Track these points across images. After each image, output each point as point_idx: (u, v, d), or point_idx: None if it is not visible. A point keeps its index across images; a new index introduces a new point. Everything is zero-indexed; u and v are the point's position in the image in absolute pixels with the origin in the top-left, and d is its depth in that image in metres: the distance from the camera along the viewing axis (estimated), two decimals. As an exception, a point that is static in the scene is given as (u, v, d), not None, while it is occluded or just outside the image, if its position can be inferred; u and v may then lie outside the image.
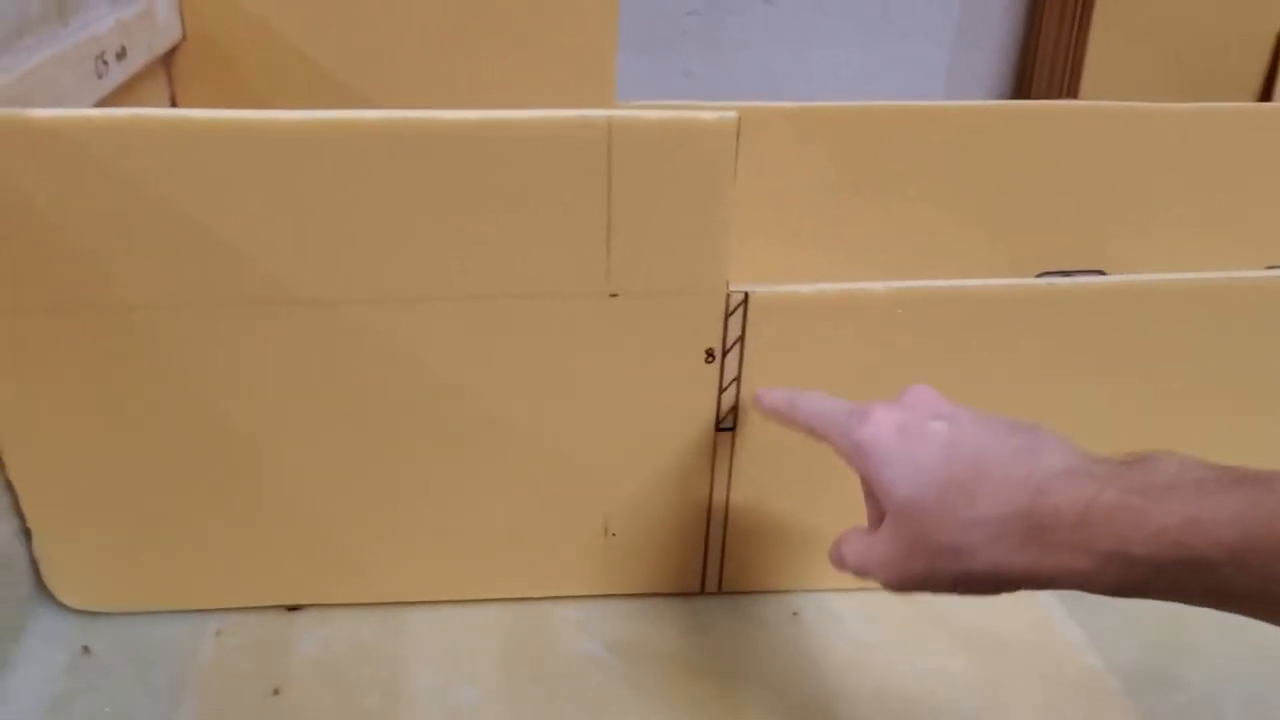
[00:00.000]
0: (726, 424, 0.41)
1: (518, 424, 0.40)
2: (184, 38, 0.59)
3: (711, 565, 0.44)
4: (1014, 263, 0.75)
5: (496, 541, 0.42)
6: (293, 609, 0.42)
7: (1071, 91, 1.29)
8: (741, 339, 0.40)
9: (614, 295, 0.38)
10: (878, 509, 0.33)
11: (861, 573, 0.34)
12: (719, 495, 0.43)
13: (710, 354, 0.40)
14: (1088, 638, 0.44)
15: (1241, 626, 0.45)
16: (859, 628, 0.44)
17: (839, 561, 0.35)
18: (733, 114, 0.36)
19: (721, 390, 0.41)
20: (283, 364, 0.38)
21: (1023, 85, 1.36)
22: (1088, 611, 0.46)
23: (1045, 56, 1.31)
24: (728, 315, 0.39)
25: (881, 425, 0.32)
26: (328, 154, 0.35)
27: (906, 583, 0.32)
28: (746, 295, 0.39)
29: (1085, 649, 0.44)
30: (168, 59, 0.59)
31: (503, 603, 0.43)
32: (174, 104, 0.60)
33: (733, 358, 0.40)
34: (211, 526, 0.41)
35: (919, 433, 0.32)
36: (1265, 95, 1.27)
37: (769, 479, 0.43)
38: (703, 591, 0.45)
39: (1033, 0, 1.33)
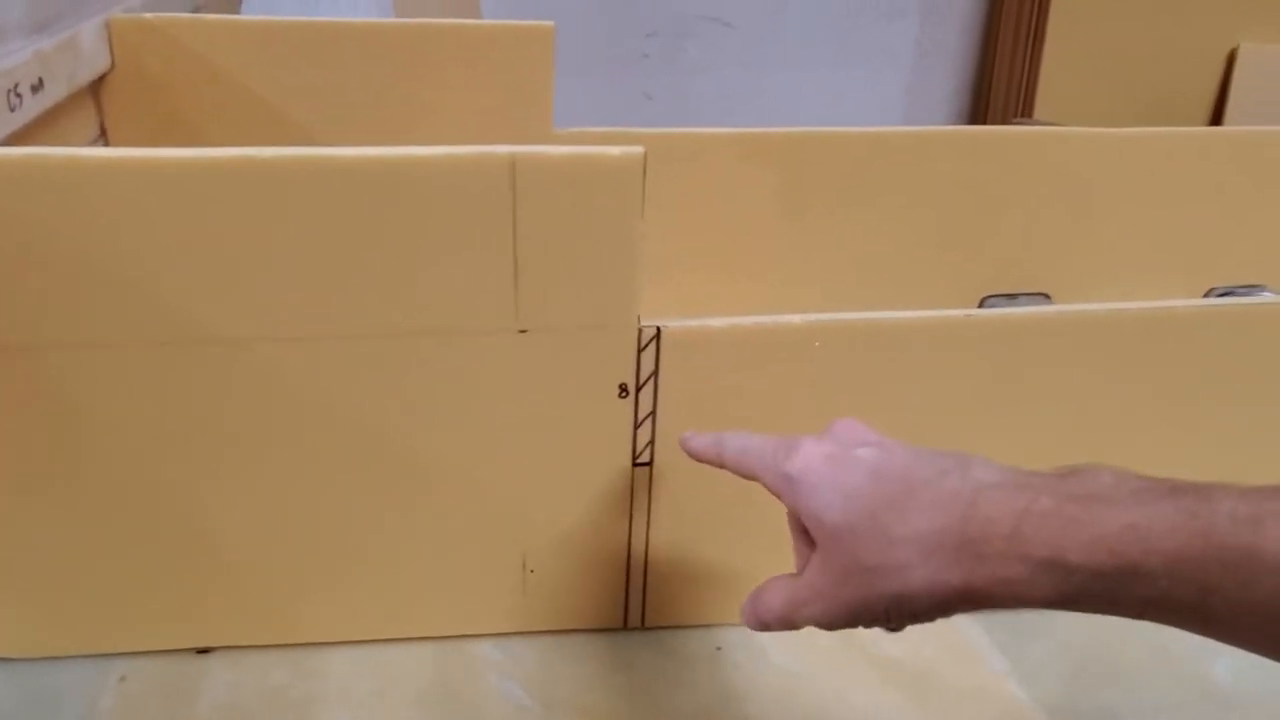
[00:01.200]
0: (643, 459, 0.41)
1: (432, 461, 0.40)
2: (112, 67, 0.58)
3: (634, 600, 0.44)
4: (960, 287, 0.76)
5: (414, 580, 0.42)
6: (202, 652, 0.42)
7: (1026, 111, 1.30)
8: (655, 374, 0.39)
9: (523, 331, 0.38)
10: (807, 545, 0.33)
11: (790, 615, 0.33)
12: (638, 530, 0.42)
13: (624, 389, 0.39)
14: (1013, 667, 0.44)
15: (1167, 655, 0.46)
16: (784, 660, 0.44)
17: (759, 616, 0.34)
18: (639, 149, 0.36)
19: (637, 425, 0.40)
20: (191, 403, 0.37)
21: (979, 105, 1.38)
22: (1013, 641, 0.46)
23: (1001, 77, 1.33)
24: (640, 350, 0.39)
25: (810, 456, 0.32)
26: (232, 192, 0.34)
27: (840, 613, 0.31)
28: (659, 330, 0.39)
29: (1010, 679, 0.44)
30: (96, 88, 0.58)
31: (421, 641, 0.43)
32: (103, 133, 0.59)
33: (647, 393, 0.40)
34: (117, 568, 0.40)
35: (846, 460, 0.32)
36: (1216, 115, 1.29)
37: (688, 513, 0.42)
38: (625, 627, 0.44)
39: (988, 22, 1.35)
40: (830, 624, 0.32)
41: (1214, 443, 0.46)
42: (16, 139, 0.45)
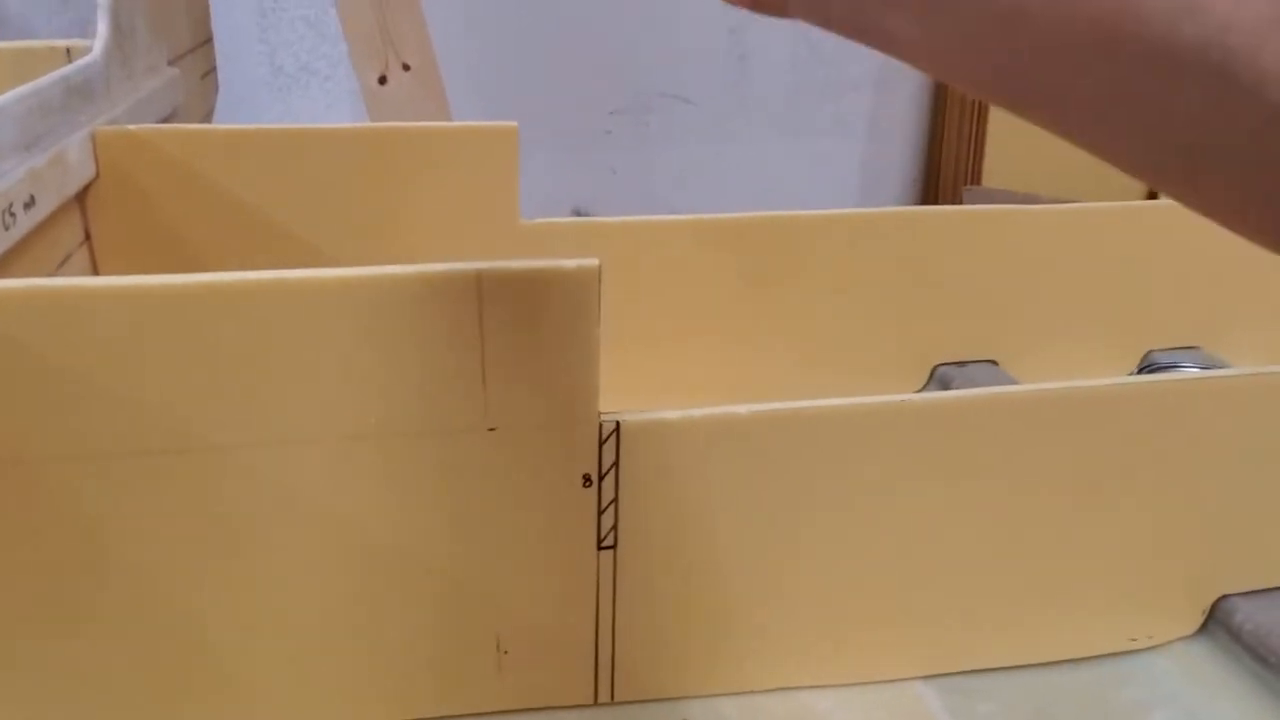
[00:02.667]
0: (607, 543, 0.44)
1: (407, 553, 0.42)
2: (97, 176, 0.61)
3: (603, 677, 0.46)
4: (913, 355, 0.79)
5: (391, 664, 0.44)
6: (190, 744, 0.43)
7: (975, 179, 1.36)
8: (616, 464, 0.42)
9: (492, 429, 0.41)
10: None
11: None
12: (605, 610, 0.45)
13: (588, 479, 0.42)
14: (962, 730, 0.47)
15: (1107, 711, 0.48)
16: (747, 730, 0.46)
17: None
18: (594, 262, 0.39)
19: (600, 512, 0.43)
20: (175, 512, 0.40)
21: (931, 174, 1.43)
22: (964, 703, 0.48)
23: (950, 147, 1.39)
24: (601, 443, 0.42)
25: None
26: (215, 313, 0.37)
27: None
28: (618, 424, 0.42)
29: None
30: (81, 196, 0.61)
31: (400, 725, 0.45)
32: (88, 238, 0.62)
33: (609, 481, 0.43)
34: (109, 676, 0.42)
35: None
36: (1156, 179, 1.35)
37: (651, 591, 0.45)
38: (596, 702, 0.47)
39: (936, 95, 1.41)
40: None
41: (1149, 510, 0.49)
42: (8, 254, 0.48)
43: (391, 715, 0.45)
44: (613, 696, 0.47)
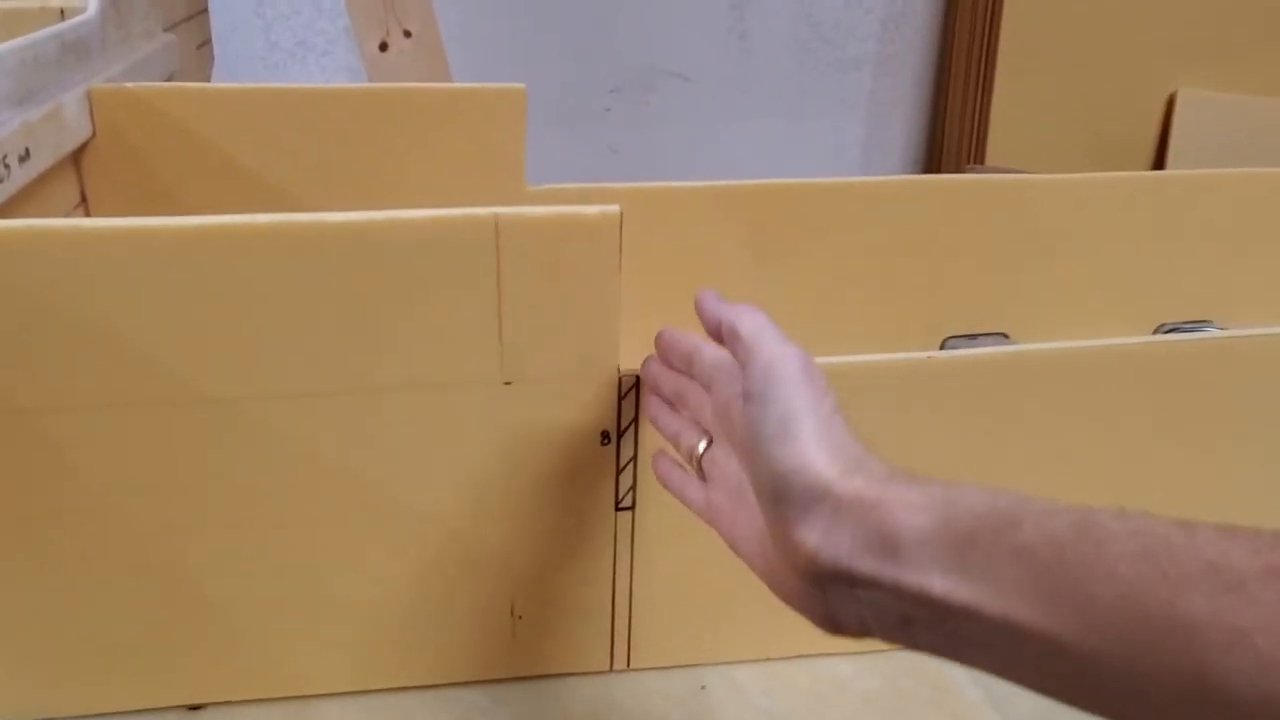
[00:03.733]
0: (625, 504, 0.42)
1: (420, 512, 0.41)
2: (93, 135, 0.59)
3: (619, 643, 0.45)
4: (922, 329, 0.78)
5: (403, 629, 0.43)
6: (194, 709, 0.42)
7: (979, 157, 1.34)
8: (635, 421, 0.41)
9: (508, 383, 0.39)
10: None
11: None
12: (622, 573, 0.44)
13: (606, 436, 0.41)
14: (987, 696, 0.46)
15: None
16: (764, 699, 0.45)
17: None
18: (615, 208, 0.38)
19: (619, 471, 0.42)
20: (181, 462, 0.38)
21: (933, 153, 1.42)
22: (988, 671, 0.47)
23: (953, 126, 1.37)
24: (620, 398, 0.40)
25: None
26: (224, 258, 0.36)
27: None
28: (638, 379, 0.40)
29: (984, 707, 0.45)
30: (77, 156, 0.59)
31: (411, 691, 0.43)
32: (84, 199, 0.61)
33: (628, 439, 0.41)
34: (108, 627, 0.40)
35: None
36: (1159, 157, 1.34)
37: (670, 555, 0.44)
38: (611, 669, 0.45)
39: (939, 73, 1.39)
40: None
41: (1167, 476, 0.48)
42: (3, 208, 0.46)
43: (399, 681, 0.43)
44: (629, 663, 0.45)
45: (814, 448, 0.31)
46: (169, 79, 0.78)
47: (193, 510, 0.39)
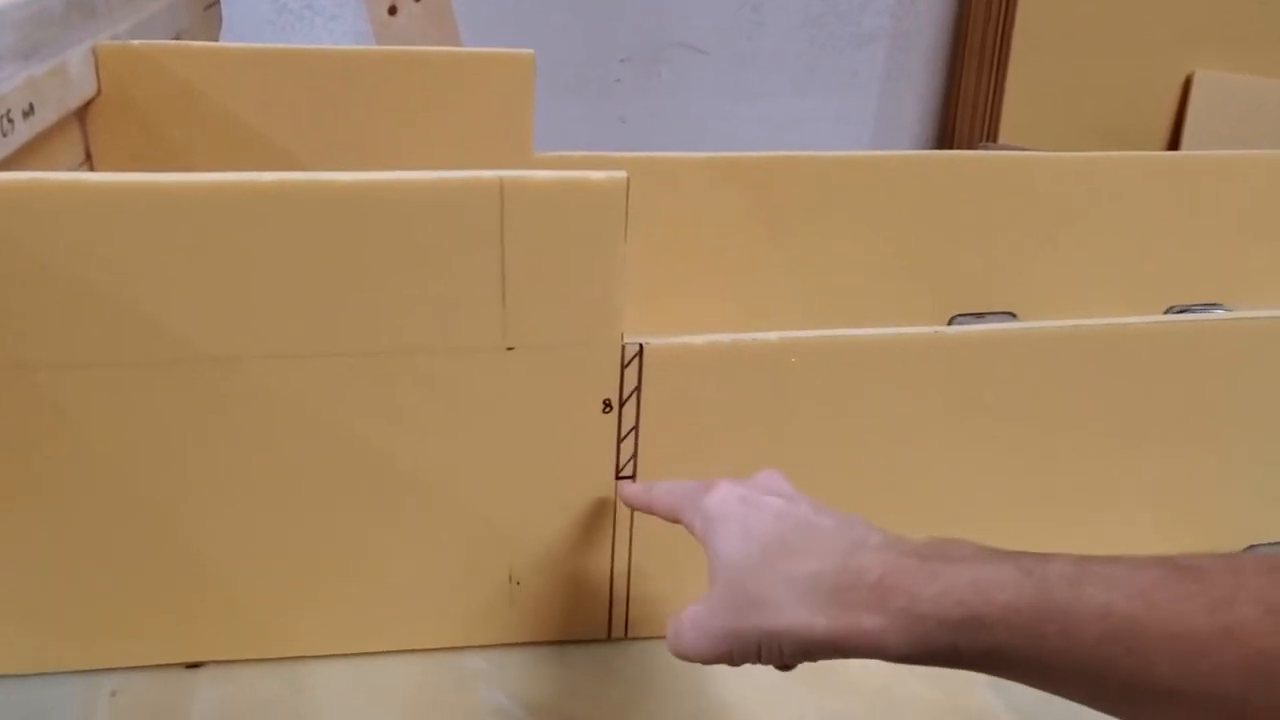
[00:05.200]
0: (626, 472, 0.42)
1: (420, 477, 0.41)
2: (99, 93, 0.59)
3: (617, 612, 0.45)
4: (930, 307, 0.78)
5: (401, 593, 0.43)
6: (192, 667, 0.42)
7: (991, 135, 1.33)
8: (638, 389, 0.41)
9: (511, 349, 0.39)
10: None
11: (671, 643, 0.34)
12: (621, 542, 0.43)
13: (608, 404, 0.41)
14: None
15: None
16: (764, 672, 0.45)
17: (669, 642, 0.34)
18: (622, 174, 0.38)
19: (620, 440, 0.41)
20: (183, 421, 0.38)
21: (945, 131, 1.40)
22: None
23: (966, 103, 1.36)
24: (624, 367, 0.40)
25: (726, 495, 0.35)
26: (226, 216, 0.36)
27: (713, 644, 0.33)
28: (641, 347, 0.40)
29: (982, 684, 0.45)
30: (82, 114, 0.59)
31: (408, 654, 0.44)
32: (88, 157, 0.60)
33: (630, 408, 0.41)
34: (109, 584, 0.40)
35: (757, 502, 0.34)
36: (1174, 138, 1.32)
37: (670, 525, 0.43)
38: (610, 638, 0.45)
39: (953, 50, 1.38)
40: (704, 654, 0.33)
41: (1169, 455, 0.48)
42: (7, 163, 0.46)
43: (397, 644, 0.44)
44: (626, 632, 0.45)
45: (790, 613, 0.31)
46: (176, 38, 0.77)
47: (192, 469, 0.39)
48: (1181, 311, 0.79)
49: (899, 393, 0.44)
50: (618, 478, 0.42)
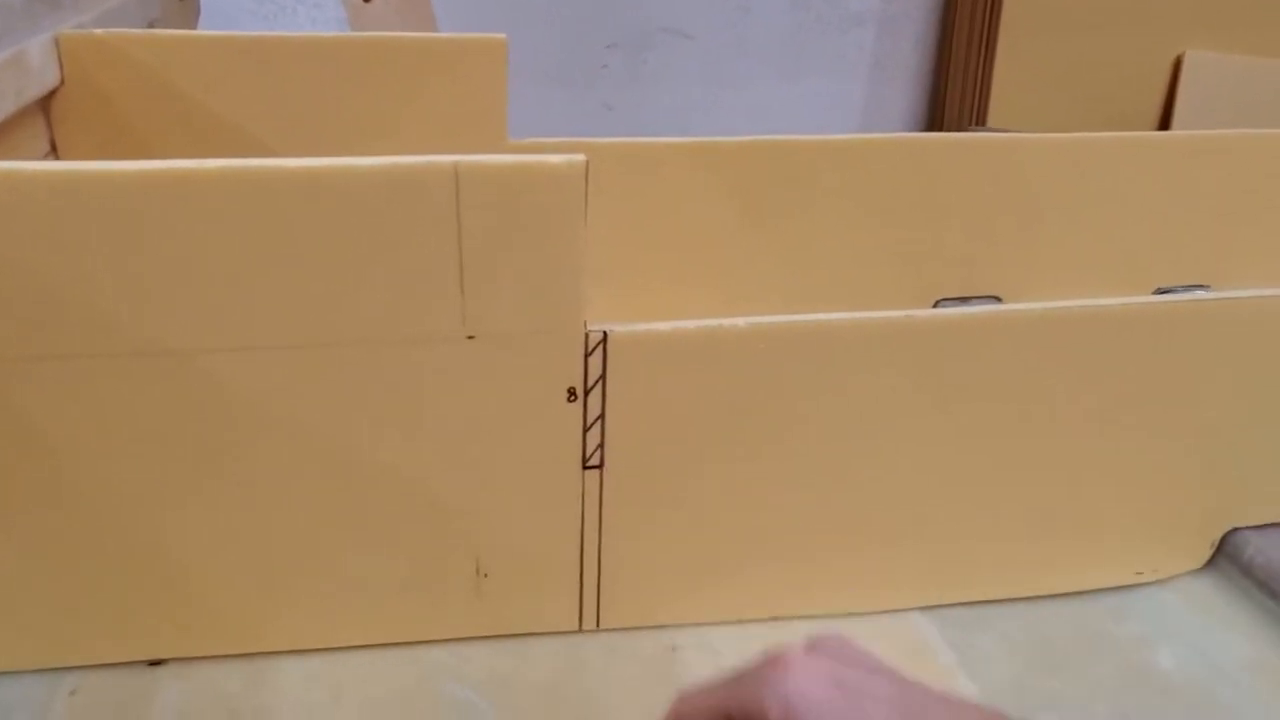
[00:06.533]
0: (593, 462, 0.41)
1: (382, 468, 0.40)
2: (62, 82, 0.58)
3: (588, 602, 0.44)
4: (914, 291, 0.77)
5: (364, 587, 0.42)
6: (154, 664, 0.42)
7: (980, 119, 1.32)
8: (603, 378, 0.40)
9: (471, 337, 0.38)
10: None
11: None
12: (590, 533, 0.43)
13: (572, 393, 0.40)
14: (961, 659, 0.45)
15: (1109, 643, 0.47)
16: (736, 661, 0.44)
17: None
18: (580, 158, 0.37)
19: (586, 429, 0.41)
20: (139, 414, 0.37)
21: (935, 115, 1.39)
22: (963, 635, 0.46)
23: (955, 86, 1.35)
24: (587, 355, 0.39)
25: (812, 677, 0.27)
26: (176, 205, 0.35)
27: None
28: (605, 334, 0.39)
29: (958, 671, 0.45)
30: (46, 104, 0.58)
31: (373, 649, 0.43)
32: (53, 148, 0.59)
33: (595, 396, 0.40)
34: (66, 581, 0.40)
35: (860, 689, 0.27)
36: (1164, 120, 1.31)
37: (640, 515, 0.43)
38: (580, 629, 0.45)
39: (942, 33, 1.37)
40: None
41: (1150, 436, 0.47)
42: (-37, 155, 0.45)
43: (362, 639, 0.43)
44: (598, 623, 0.45)
45: None
46: (148, 28, 0.76)
47: (149, 464, 0.38)
48: (1166, 293, 0.78)
49: (872, 378, 0.43)
50: (585, 467, 0.41)
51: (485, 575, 0.43)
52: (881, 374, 0.43)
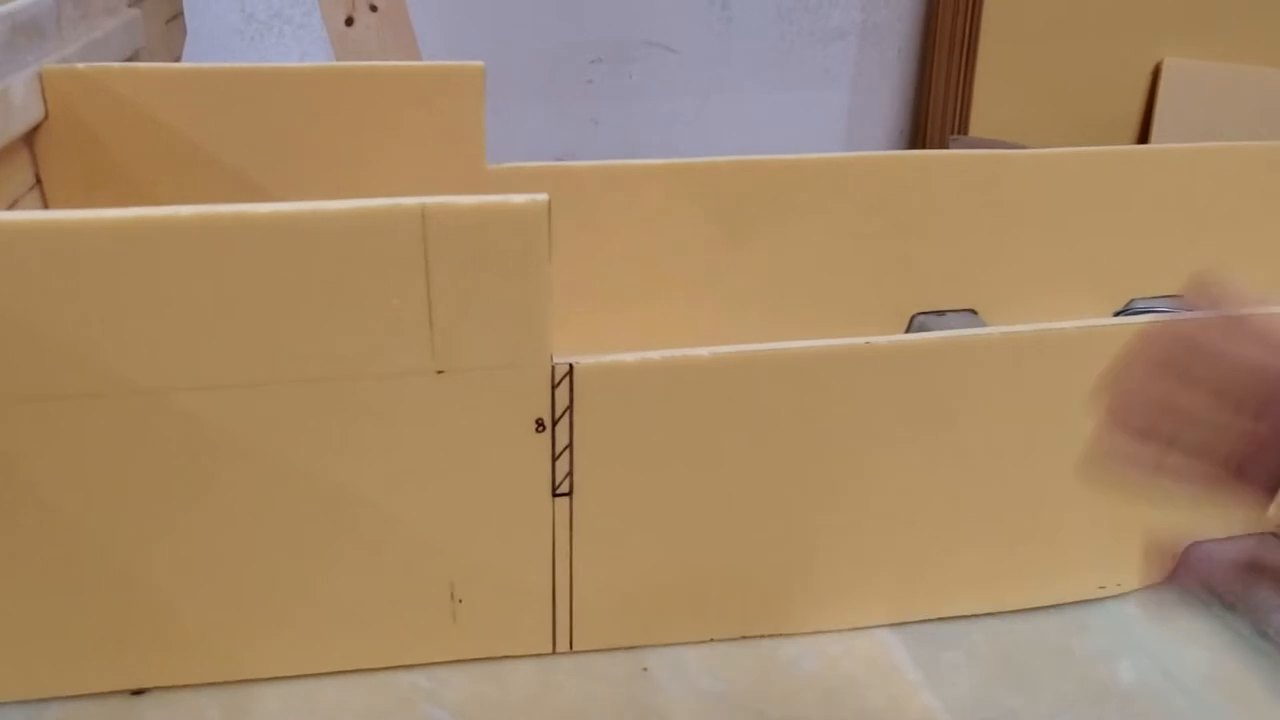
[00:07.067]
0: (563, 489, 0.43)
1: (357, 499, 0.41)
2: (46, 116, 0.59)
3: (560, 625, 0.45)
4: (891, 305, 0.78)
5: (344, 614, 0.43)
6: (137, 693, 0.43)
7: (963, 129, 1.33)
8: (570, 408, 0.41)
9: (441, 372, 0.39)
10: None
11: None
12: (562, 558, 0.44)
13: (540, 424, 0.41)
14: (926, 677, 0.46)
15: (1071, 658, 0.48)
16: (707, 679, 0.45)
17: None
18: (543, 197, 0.38)
19: (555, 458, 0.42)
20: (112, 453, 0.38)
21: (918, 124, 1.41)
22: (930, 652, 0.48)
23: (938, 97, 1.36)
24: (554, 386, 0.41)
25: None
26: (147, 250, 0.36)
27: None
28: (571, 367, 0.40)
29: (923, 688, 0.46)
30: (30, 138, 0.59)
31: (352, 675, 0.44)
32: (38, 181, 0.60)
33: (563, 427, 0.41)
34: (49, 613, 0.41)
35: None
36: (1144, 127, 1.33)
37: (611, 539, 0.44)
38: (554, 651, 0.46)
39: (923, 43, 1.38)
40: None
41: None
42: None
43: (340, 665, 0.44)
44: (571, 645, 0.46)
45: None
46: (133, 56, 0.77)
47: (128, 499, 0.40)
48: (1133, 309, 0.79)
49: (836, 403, 0.44)
50: (555, 495, 0.43)
51: (460, 601, 0.44)
52: (845, 398, 0.44)
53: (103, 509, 0.39)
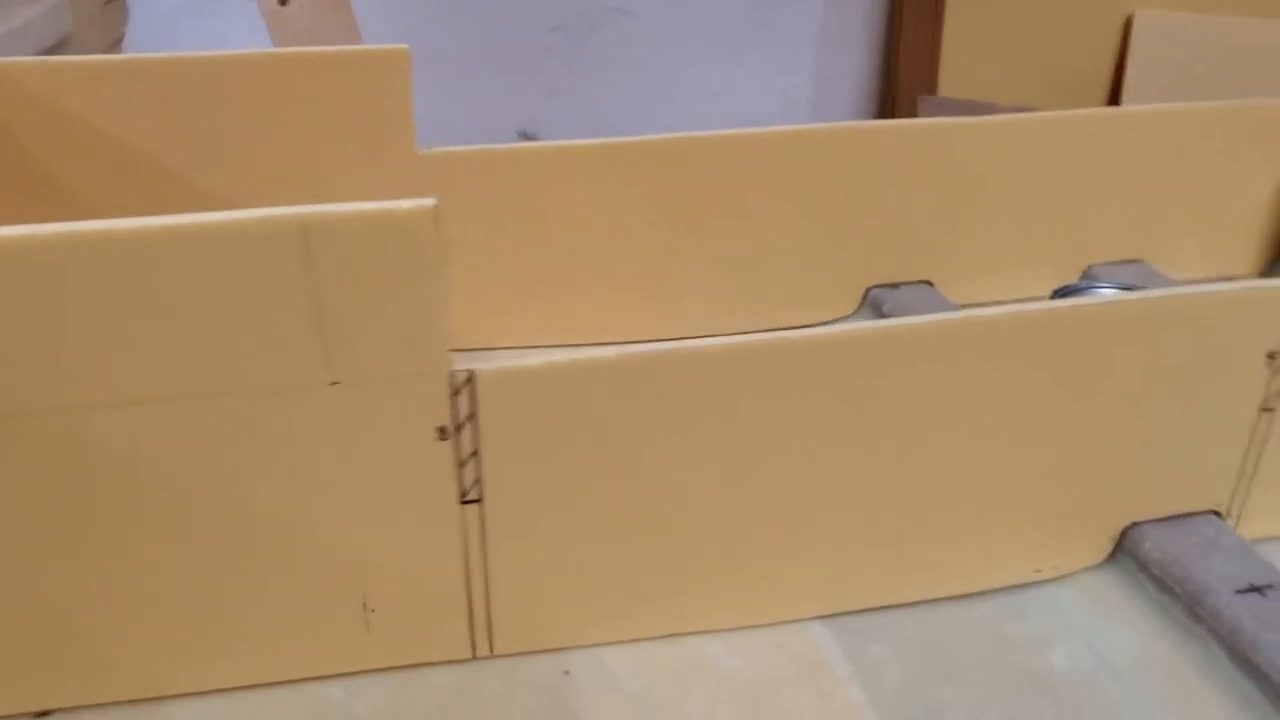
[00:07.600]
0: (471, 496, 0.42)
1: (261, 513, 0.40)
2: (-46, 117, 0.58)
3: (479, 631, 0.45)
4: (849, 279, 0.77)
5: (254, 627, 0.43)
6: (42, 715, 0.42)
7: (931, 88, 1.31)
8: (474, 415, 0.40)
9: (335, 383, 0.38)
10: None
11: None
12: (475, 564, 0.43)
13: (443, 432, 0.40)
14: (854, 671, 0.46)
15: (1006, 645, 0.47)
16: (630, 682, 0.45)
17: None
18: (430, 202, 0.37)
19: (461, 465, 0.41)
20: (12, 472, 0.38)
21: (887, 86, 1.39)
22: (860, 644, 0.47)
23: (906, 56, 1.34)
24: (454, 394, 0.40)
25: None
26: (25, 269, 0.35)
27: None
28: (471, 374, 0.39)
29: (851, 683, 0.45)
30: (-54, 142, 0.57)
31: (266, 688, 0.43)
32: (-49, 184, 0.59)
33: (468, 433, 0.40)
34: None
35: None
36: (1116, 79, 1.31)
37: (525, 543, 0.43)
38: (474, 657, 0.45)
39: (890, 3, 1.36)
40: None
41: (1055, 434, 0.47)
42: None
43: (252, 679, 0.43)
44: (491, 650, 0.45)
45: None
46: (60, 43, 0.76)
47: (30, 517, 0.39)
48: (1071, 288, 0.78)
49: (752, 398, 0.43)
50: (463, 502, 0.42)
51: (373, 610, 0.43)
52: (761, 394, 0.43)
53: (4, 527, 0.39)
